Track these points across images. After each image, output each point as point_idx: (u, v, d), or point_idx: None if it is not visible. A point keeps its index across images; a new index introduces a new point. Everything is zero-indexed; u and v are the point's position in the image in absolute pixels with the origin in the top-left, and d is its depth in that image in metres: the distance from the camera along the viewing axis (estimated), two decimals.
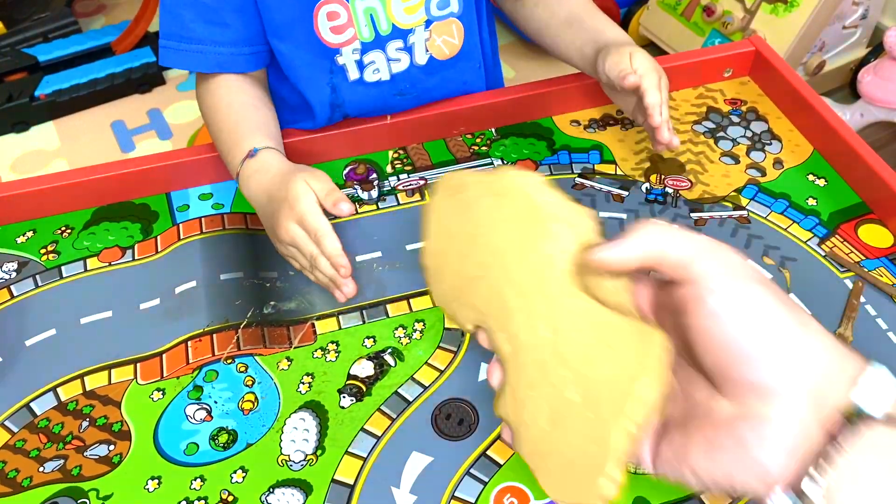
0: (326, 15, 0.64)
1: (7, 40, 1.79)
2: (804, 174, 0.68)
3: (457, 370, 0.53)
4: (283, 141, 0.67)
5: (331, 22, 0.64)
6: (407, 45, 0.68)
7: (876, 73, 1.54)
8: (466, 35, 0.70)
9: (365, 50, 0.67)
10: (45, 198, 0.64)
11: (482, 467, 0.48)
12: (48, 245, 0.63)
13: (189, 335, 0.56)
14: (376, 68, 0.68)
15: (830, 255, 0.61)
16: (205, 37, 0.64)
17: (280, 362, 0.54)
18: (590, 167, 0.69)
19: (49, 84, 1.75)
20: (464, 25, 0.69)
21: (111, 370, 0.54)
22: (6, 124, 1.72)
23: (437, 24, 0.68)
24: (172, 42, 0.64)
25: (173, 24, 0.64)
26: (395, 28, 0.66)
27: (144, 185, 0.66)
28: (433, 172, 0.69)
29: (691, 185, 0.67)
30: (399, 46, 0.68)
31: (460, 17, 0.69)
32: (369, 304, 0.58)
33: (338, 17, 0.64)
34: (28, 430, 0.51)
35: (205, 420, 0.51)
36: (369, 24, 0.65)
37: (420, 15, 0.66)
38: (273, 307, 0.58)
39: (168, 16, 0.64)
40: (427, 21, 0.67)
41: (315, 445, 0.50)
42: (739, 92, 0.77)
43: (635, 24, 1.93)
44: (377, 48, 0.67)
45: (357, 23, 0.65)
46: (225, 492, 0.48)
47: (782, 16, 1.57)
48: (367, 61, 0.67)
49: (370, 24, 0.65)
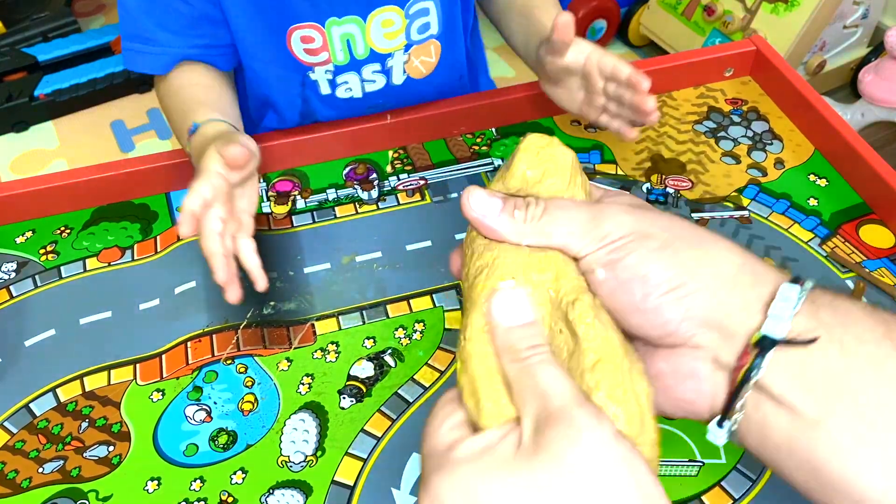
0: (300, 38, 0.64)
1: (6, 40, 1.79)
2: (805, 174, 0.68)
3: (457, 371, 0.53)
4: (285, 140, 0.67)
5: (304, 44, 0.64)
6: (385, 69, 0.68)
7: (877, 73, 1.54)
8: (444, 52, 0.70)
9: (338, 72, 0.67)
10: (45, 198, 0.64)
11: None
12: (47, 245, 0.62)
13: (189, 336, 0.56)
14: (349, 87, 0.68)
15: (832, 255, 0.61)
16: (166, 41, 0.63)
17: (280, 363, 0.54)
18: (590, 167, 0.69)
19: (49, 84, 1.75)
20: (441, 45, 0.69)
21: (110, 371, 0.54)
22: (6, 124, 1.72)
23: (416, 47, 0.68)
24: (136, 44, 0.64)
25: (133, 26, 0.63)
26: (372, 52, 0.66)
27: (144, 185, 0.66)
28: (433, 172, 0.68)
29: (692, 185, 0.67)
30: (376, 69, 0.68)
31: (439, 37, 0.69)
32: (369, 305, 0.58)
33: (312, 42, 0.64)
34: (27, 431, 0.51)
35: (204, 421, 0.51)
36: (345, 49, 0.65)
37: (400, 40, 0.66)
38: (273, 307, 0.57)
39: (128, 18, 0.63)
40: (406, 45, 0.67)
41: (315, 446, 0.49)
42: (740, 92, 0.77)
43: (636, 23, 1.92)
44: (352, 70, 0.67)
45: (332, 47, 0.65)
46: (225, 493, 0.47)
47: (783, 15, 1.56)
48: (339, 81, 0.67)
49: (346, 49, 0.65)
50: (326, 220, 0.64)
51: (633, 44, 1.97)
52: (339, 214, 0.65)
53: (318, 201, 0.66)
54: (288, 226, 0.64)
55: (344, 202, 0.66)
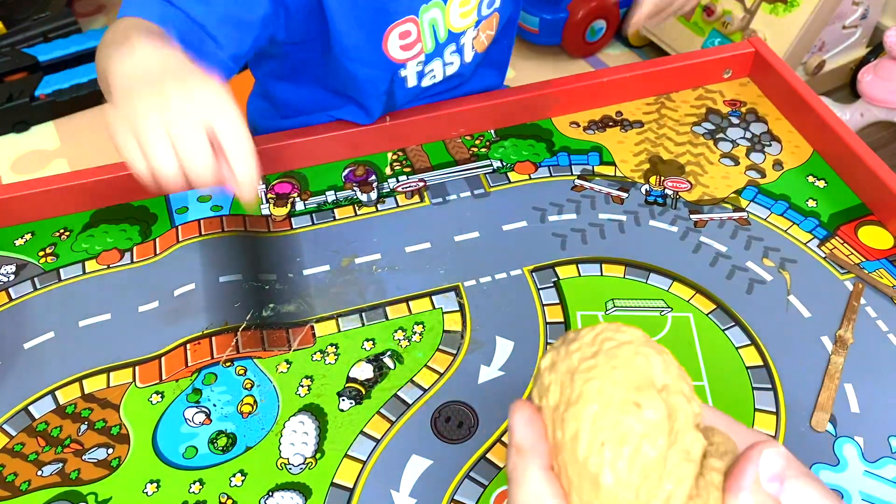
0: (399, 34, 0.64)
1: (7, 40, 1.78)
2: (804, 175, 0.68)
3: (456, 373, 0.53)
4: (284, 142, 0.67)
5: (402, 41, 0.65)
6: (459, 48, 0.69)
7: (876, 73, 1.54)
8: (501, 23, 0.72)
9: (427, 61, 0.68)
10: (44, 200, 0.64)
11: (482, 470, 0.48)
12: (46, 247, 0.63)
13: (188, 338, 0.56)
14: (433, 75, 0.70)
15: (830, 256, 0.61)
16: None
17: (279, 365, 0.54)
18: (589, 169, 0.69)
19: (49, 84, 1.75)
20: (500, 15, 0.71)
21: (110, 373, 0.54)
22: (6, 124, 1.72)
23: (484, 22, 0.69)
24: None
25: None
26: (450, 34, 0.67)
27: (143, 187, 0.66)
28: (432, 174, 0.68)
29: (691, 186, 0.67)
30: (452, 50, 0.69)
31: (499, 9, 0.70)
32: (369, 307, 0.58)
33: (409, 36, 0.65)
34: (26, 434, 0.51)
35: (203, 423, 0.51)
36: (432, 36, 0.66)
37: (472, 17, 0.67)
38: (272, 310, 0.58)
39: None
40: (477, 21, 0.68)
41: (314, 448, 0.50)
42: (739, 93, 0.77)
43: None
44: (437, 56, 0.68)
45: (423, 37, 0.66)
46: (224, 495, 0.47)
47: (782, 16, 1.56)
48: (426, 70, 0.69)
49: (433, 36, 0.66)
50: (326, 222, 0.64)
51: (632, 44, 1.97)
52: (338, 216, 0.65)
53: (318, 203, 0.66)
54: (287, 228, 0.64)
55: (343, 204, 0.66)
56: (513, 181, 0.68)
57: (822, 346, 0.55)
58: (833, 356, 0.54)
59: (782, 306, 0.57)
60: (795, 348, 0.55)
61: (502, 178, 0.68)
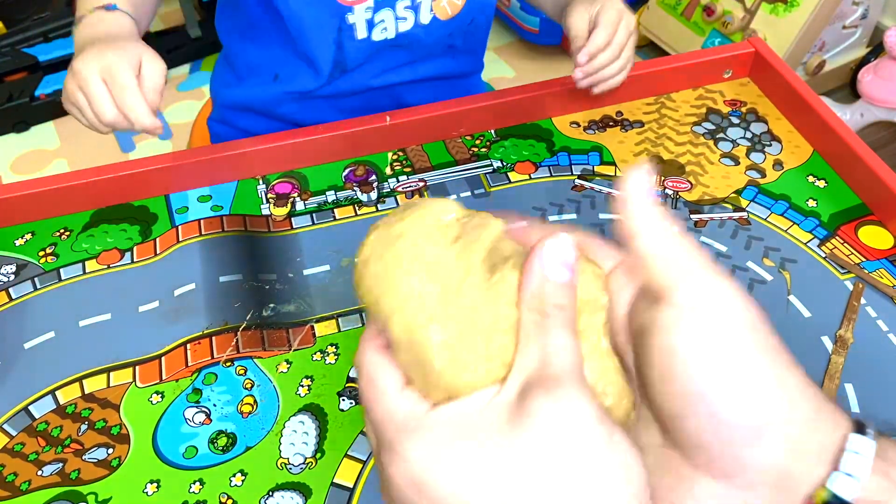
0: None
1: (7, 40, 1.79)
2: (804, 175, 0.68)
3: None
4: (284, 142, 0.67)
5: None
6: (414, 4, 0.68)
7: (876, 73, 1.54)
8: (469, 1, 0.71)
9: (377, 8, 0.67)
10: (44, 200, 0.64)
11: None
12: (47, 247, 0.63)
13: (188, 338, 0.56)
14: (384, 27, 0.69)
15: (831, 256, 0.61)
16: None
17: (279, 365, 0.54)
18: (589, 169, 0.69)
19: (49, 84, 1.75)
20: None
21: (110, 373, 0.54)
22: (6, 124, 1.72)
23: None
24: None
25: None
26: None
27: (143, 187, 0.66)
28: (432, 174, 0.68)
29: (691, 186, 0.67)
30: (406, 5, 0.68)
31: None
32: None
33: None
34: (26, 434, 0.51)
35: (204, 423, 0.51)
36: None
37: None
38: (272, 309, 0.58)
39: None
40: None
41: (314, 448, 0.50)
42: (739, 93, 0.77)
43: (635, 23, 1.93)
44: (387, 6, 0.67)
45: None
46: (224, 495, 0.47)
47: (782, 15, 1.56)
48: (377, 20, 0.68)
49: None
50: (326, 222, 0.64)
51: None
52: (338, 216, 0.65)
53: (318, 203, 0.66)
54: (287, 228, 0.64)
55: (343, 204, 0.66)
56: (513, 181, 0.68)
57: (822, 346, 0.55)
58: (833, 356, 0.54)
59: (782, 306, 0.57)
60: (795, 348, 0.54)
61: (502, 178, 0.68)
